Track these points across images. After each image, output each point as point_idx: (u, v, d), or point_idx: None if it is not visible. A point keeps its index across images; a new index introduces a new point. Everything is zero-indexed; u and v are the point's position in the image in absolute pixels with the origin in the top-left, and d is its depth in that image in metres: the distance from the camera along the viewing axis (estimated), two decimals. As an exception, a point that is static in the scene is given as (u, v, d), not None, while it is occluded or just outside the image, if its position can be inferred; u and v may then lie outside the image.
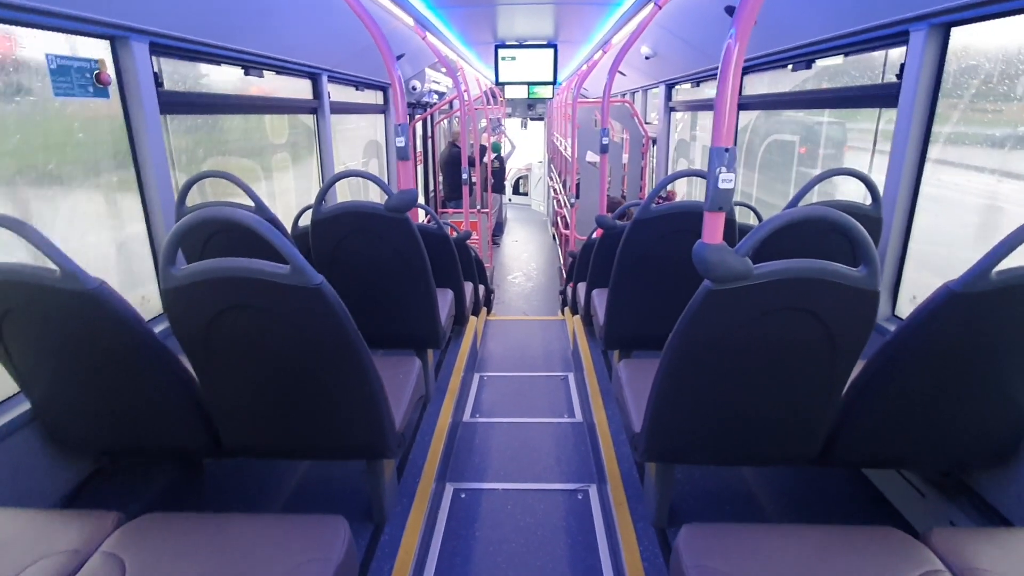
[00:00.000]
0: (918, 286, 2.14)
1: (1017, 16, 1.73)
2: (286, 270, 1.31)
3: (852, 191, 2.85)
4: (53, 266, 1.30)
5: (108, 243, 2.16)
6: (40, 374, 1.53)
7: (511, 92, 7.05)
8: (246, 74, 2.91)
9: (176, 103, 2.36)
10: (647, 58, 5.10)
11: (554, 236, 10.55)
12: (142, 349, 1.44)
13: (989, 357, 1.36)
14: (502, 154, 10.42)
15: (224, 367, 1.48)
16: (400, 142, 2.34)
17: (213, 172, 2.30)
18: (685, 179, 5.32)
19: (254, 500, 2.05)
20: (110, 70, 1.97)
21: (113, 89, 1.99)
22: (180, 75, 2.42)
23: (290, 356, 1.45)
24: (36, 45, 1.74)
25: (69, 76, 1.84)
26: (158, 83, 2.17)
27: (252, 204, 2.26)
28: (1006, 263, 1.23)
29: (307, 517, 1.35)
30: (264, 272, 1.31)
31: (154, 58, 2.15)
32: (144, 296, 2.26)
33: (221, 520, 1.35)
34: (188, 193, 2.20)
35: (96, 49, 1.94)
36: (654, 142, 6.34)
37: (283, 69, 3.27)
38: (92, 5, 1.75)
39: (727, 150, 1.19)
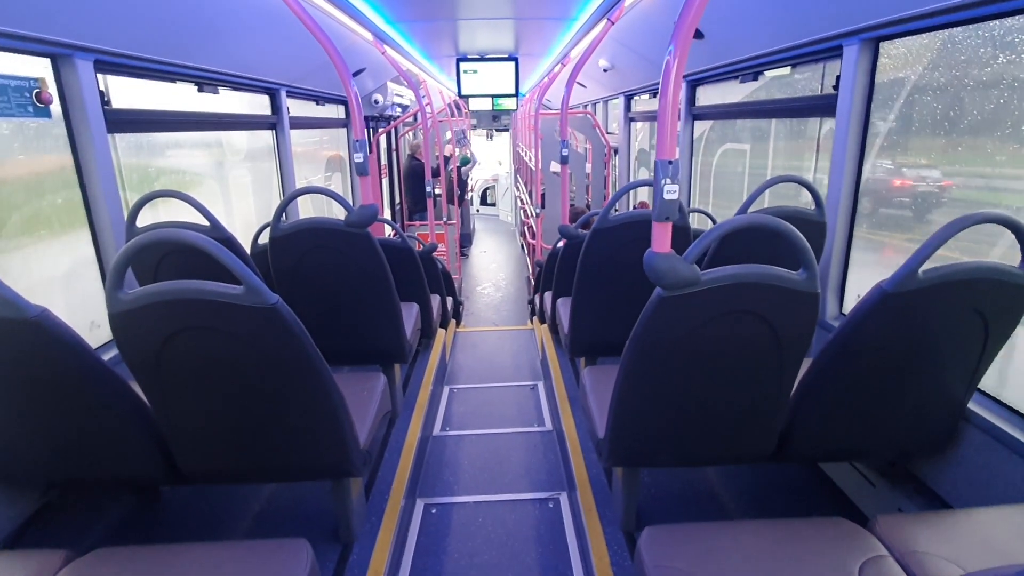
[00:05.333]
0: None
1: (937, 32, 1.87)
2: (240, 290, 1.29)
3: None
4: None
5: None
6: None
7: (475, 104, 7.10)
8: (200, 91, 2.86)
9: (125, 121, 2.30)
10: (605, 71, 5.23)
11: (522, 246, 10.62)
12: (89, 377, 1.38)
13: (923, 352, 1.45)
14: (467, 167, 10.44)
15: (178, 392, 1.44)
16: (359, 158, 2.33)
17: (165, 191, 2.24)
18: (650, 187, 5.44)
19: (216, 528, 1.99)
20: (52, 89, 1.91)
21: (56, 108, 1.93)
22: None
23: (247, 378, 1.42)
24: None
25: (6, 95, 1.77)
26: (104, 101, 2.11)
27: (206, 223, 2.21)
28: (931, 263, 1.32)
29: (267, 542, 1.32)
30: (217, 293, 1.29)
31: (100, 76, 2.09)
32: (93, 321, 2.18)
33: (176, 551, 1.31)
34: (139, 213, 2.14)
35: (37, 67, 1.88)
36: (616, 152, 6.48)
37: (239, 85, 3.22)
38: (31, 22, 1.70)
39: (671, 162, 1.24)
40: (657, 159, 1.25)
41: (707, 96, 3.89)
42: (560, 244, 3.59)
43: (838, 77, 2.20)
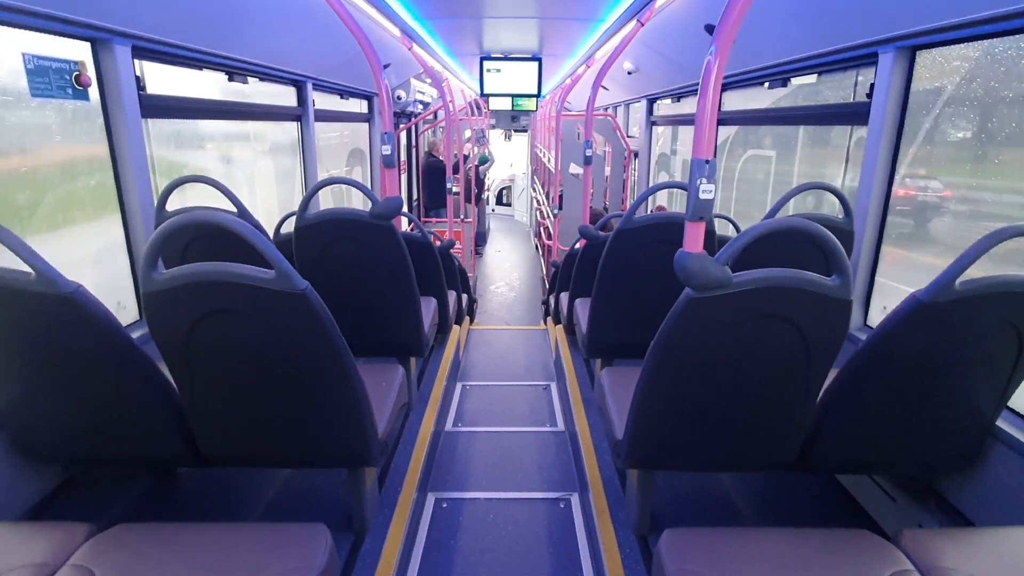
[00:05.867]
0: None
1: (975, 42, 1.83)
2: (271, 275, 1.30)
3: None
4: (28, 269, 1.27)
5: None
6: (8, 380, 1.48)
7: (495, 104, 7.12)
8: (230, 80, 2.90)
9: (158, 107, 2.34)
10: (629, 73, 5.21)
11: (537, 247, 10.61)
12: (119, 355, 1.41)
13: (954, 365, 1.42)
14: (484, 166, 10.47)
15: (204, 373, 1.46)
16: (386, 150, 2.34)
17: (195, 176, 2.27)
18: (667, 191, 5.42)
19: (231, 510, 2.01)
20: (90, 72, 1.95)
21: (93, 91, 1.97)
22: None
23: (273, 362, 1.43)
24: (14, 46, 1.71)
25: (47, 77, 1.81)
26: (140, 86, 2.14)
27: (234, 209, 2.24)
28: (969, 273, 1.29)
29: (287, 525, 1.33)
30: (248, 277, 1.30)
31: (136, 61, 2.13)
32: (120, 302, 2.21)
33: (197, 529, 1.32)
34: (168, 198, 2.17)
35: (76, 50, 1.91)
36: (636, 155, 6.45)
37: (267, 76, 3.26)
38: (74, 6, 1.73)
39: (707, 162, 1.22)
40: (693, 158, 1.24)
41: (729, 102, 3.85)
42: (579, 245, 3.58)
43: (872, 85, 2.16)
